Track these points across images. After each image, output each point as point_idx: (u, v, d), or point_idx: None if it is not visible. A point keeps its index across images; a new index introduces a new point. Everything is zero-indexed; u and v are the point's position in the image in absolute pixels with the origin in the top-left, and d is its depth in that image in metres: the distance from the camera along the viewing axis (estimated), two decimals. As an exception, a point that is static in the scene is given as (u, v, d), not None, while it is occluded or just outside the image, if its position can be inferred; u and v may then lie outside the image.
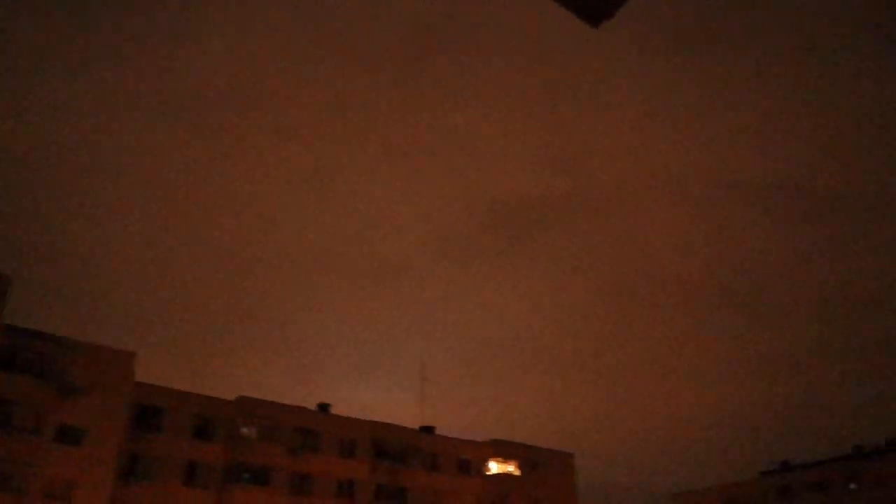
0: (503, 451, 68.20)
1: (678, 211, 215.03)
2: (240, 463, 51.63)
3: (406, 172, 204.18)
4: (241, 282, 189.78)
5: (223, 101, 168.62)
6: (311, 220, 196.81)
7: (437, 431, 66.94)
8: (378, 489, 58.93)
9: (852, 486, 77.04)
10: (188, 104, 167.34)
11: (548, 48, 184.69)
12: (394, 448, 61.12)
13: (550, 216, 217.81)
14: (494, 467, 67.48)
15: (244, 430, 53.03)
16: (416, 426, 65.97)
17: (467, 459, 66.46)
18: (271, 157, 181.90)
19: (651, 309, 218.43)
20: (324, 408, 61.11)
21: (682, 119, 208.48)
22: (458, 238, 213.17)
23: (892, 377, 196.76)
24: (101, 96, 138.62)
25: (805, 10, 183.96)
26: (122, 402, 47.15)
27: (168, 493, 48.64)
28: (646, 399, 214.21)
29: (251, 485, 51.31)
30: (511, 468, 68.16)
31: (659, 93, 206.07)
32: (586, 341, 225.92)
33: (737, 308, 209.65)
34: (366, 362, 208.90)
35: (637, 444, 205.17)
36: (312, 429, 57.27)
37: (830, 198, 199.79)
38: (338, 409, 61.75)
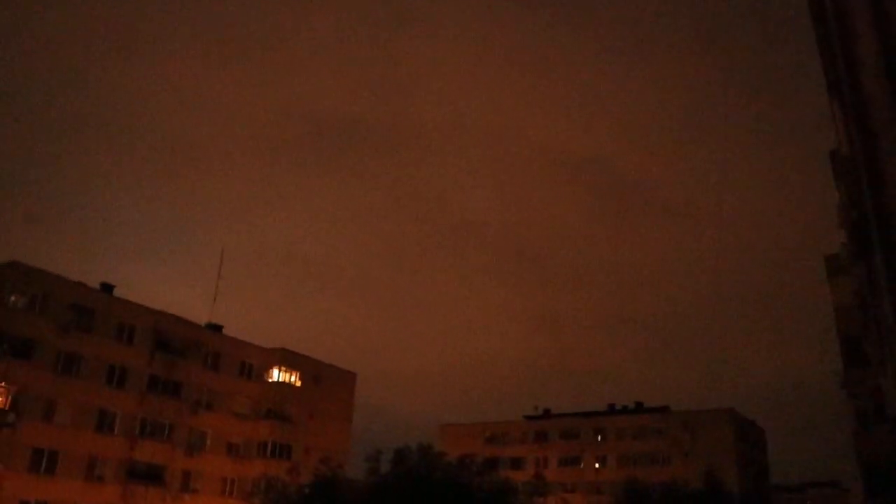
0: (288, 360, 67.97)
1: (490, 167, 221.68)
2: (1, 333, 47.06)
3: (233, 67, 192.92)
4: (33, 136, 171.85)
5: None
6: (122, 85, 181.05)
7: (225, 332, 65.24)
8: (152, 380, 56.58)
9: (599, 437, 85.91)
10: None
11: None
12: (176, 341, 58.74)
13: (367, 141, 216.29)
14: (277, 375, 67.14)
15: (11, 298, 48.28)
16: (204, 322, 63.91)
17: (250, 363, 65.52)
18: (84, 16, 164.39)
19: (447, 252, 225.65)
20: (107, 288, 57.21)
21: (514, 80, 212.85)
22: (272, 141, 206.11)
23: (656, 348, 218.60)
24: None
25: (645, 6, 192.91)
26: None
27: None
28: (430, 336, 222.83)
29: (11, 357, 47.04)
30: (293, 378, 68.17)
31: (500, 47, 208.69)
32: (382, 271, 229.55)
33: (529, 265, 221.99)
34: (160, 249, 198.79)
35: (416, 376, 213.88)
36: (90, 307, 53.45)
37: (628, 181, 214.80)
38: (123, 294, 58.16)
